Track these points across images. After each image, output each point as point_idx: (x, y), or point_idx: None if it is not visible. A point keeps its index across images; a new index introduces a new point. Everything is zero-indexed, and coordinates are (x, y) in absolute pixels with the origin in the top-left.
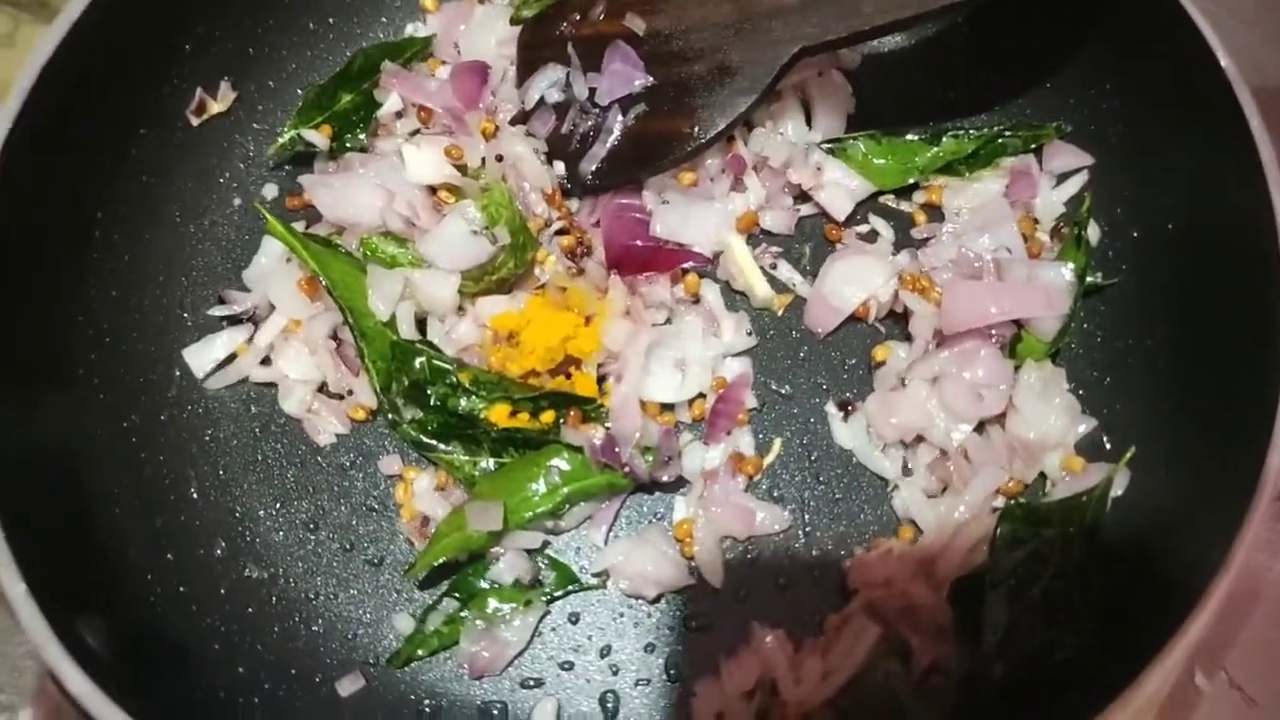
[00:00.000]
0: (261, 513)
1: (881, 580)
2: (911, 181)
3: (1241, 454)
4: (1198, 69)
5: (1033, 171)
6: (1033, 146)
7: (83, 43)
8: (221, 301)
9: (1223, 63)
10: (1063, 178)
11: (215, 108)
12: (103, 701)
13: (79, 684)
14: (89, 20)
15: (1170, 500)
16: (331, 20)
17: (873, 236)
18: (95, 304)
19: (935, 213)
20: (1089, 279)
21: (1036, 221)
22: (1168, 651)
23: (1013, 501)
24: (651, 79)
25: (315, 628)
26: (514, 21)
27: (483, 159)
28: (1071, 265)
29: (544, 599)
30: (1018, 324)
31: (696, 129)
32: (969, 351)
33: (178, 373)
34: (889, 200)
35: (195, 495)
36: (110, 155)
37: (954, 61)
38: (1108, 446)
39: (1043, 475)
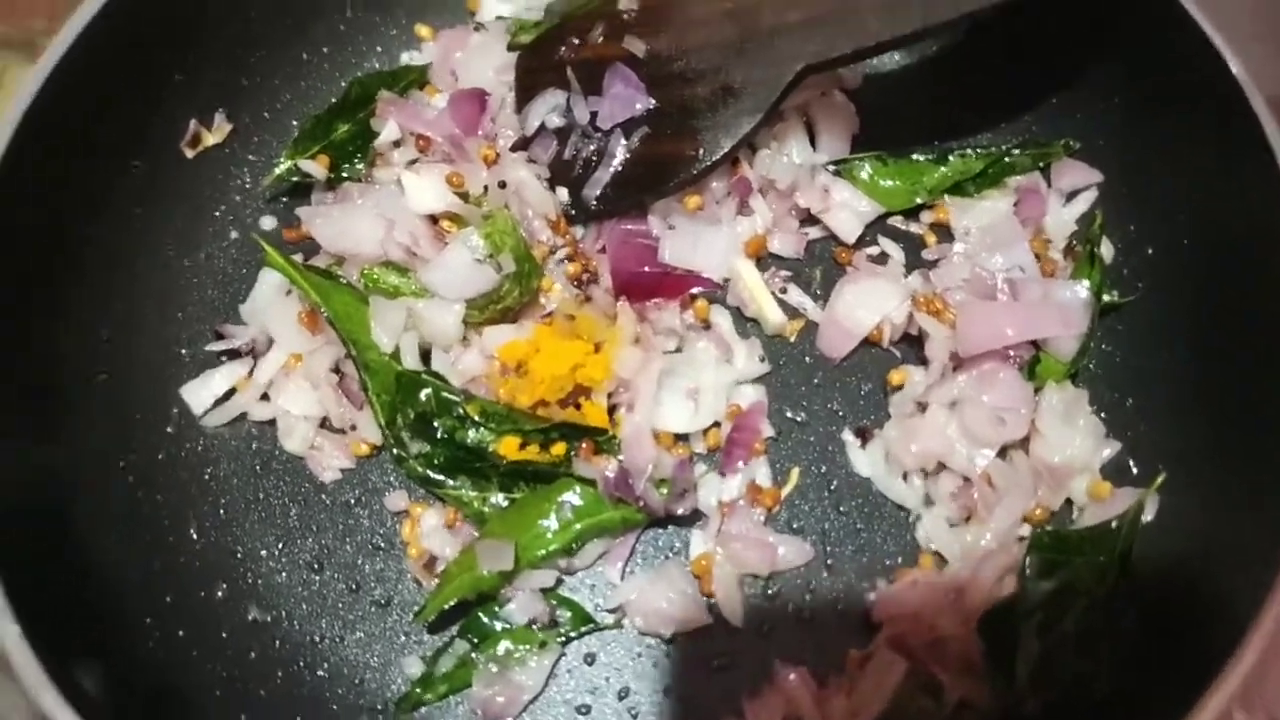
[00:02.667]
0: (264, 553)
1: (908, 613)
2: (919, 202)
3: (1275, 472)
4: (1209, 79)
5: (1041, 190)
6: (1041, 164)
7: (70, 76)
8: (219, 336)
9: (1235, 71)
10: (1072, 195)
11: (210, 139)
12: None
13: None
14: (76, 53)
15: (1203, 524)
16: (325, 50)
17: (883, 258)
18: (88, 342)
19: (945, 233)
20: (1105, 297)
21: (1048, 240)
22: (1215, 686)
23: (1040, 529)
24: (654, 101)
25: (321, 672)
26: (511, 47)
27: (485, 186)
28: (1087, 283)
29: (559, 640)
30: (1035, 345)
31: (701, 151)
32: (988, 374)
33: (175, 410)
34: (897, 221)
35: (195, 536)
36: (101, 189)
37: (958, 79)
38: (1134, 470)
39: (1069, 502)
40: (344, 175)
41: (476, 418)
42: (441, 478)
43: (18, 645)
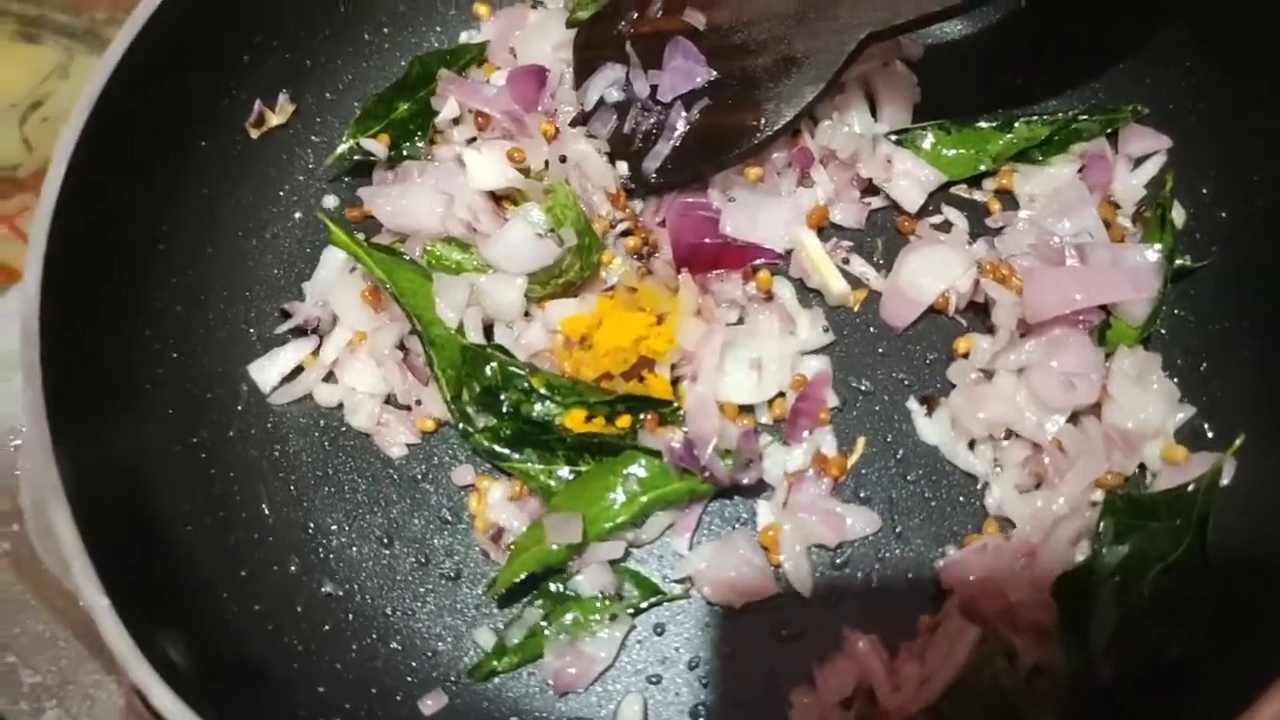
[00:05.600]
0: (334, 528)
1: (979, 578)
2: (983, 170)
3: None
4: None
5: (1107, 156)
6: (1108, 130)
7: (138, 63)
8: (285, 315)
9: None
10: (1140, 161)
11: (274, 120)
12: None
13: (165, 700)
14: (143, 40)
15: None
16: (386, 30)
17: (946, 226)
18: (160, 321)
19: (1009, 200)
20: (1178, 261)
21: (1117, 206)
22: None
23: (1114, 494)
24: (714, 73)
25: (394, 644)
26: (570, 24)
27: (545, 161)
28: (1158, 245)
29: (629, 612)
30: (1105, 310)
31: (763, 121)
32: (1057, 340)
33: (244, 388)
34: (960, 190)
35: (267, 511)
36: (172, 170)
37: (1020, 46)
38: (1209, 434)
39: (1142, 468)
40: (405, 154)
41: (542, 391)
42: (507, 451)
43: (108, 618)
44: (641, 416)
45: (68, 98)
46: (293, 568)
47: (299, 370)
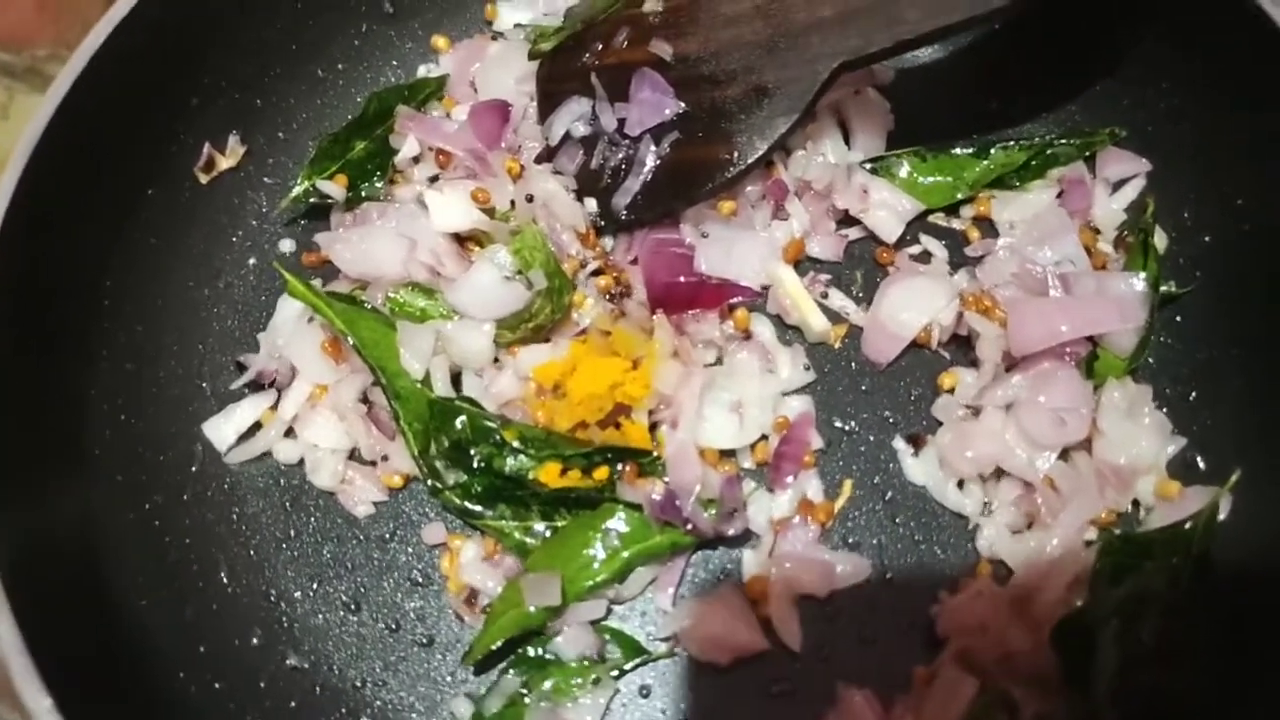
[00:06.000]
0: (298, 595)
1: (974, 626)
2: (960, 197)
3: None
4: (1263, 56)
5: (1086, 180)
6: (1086, 154)
7: (81, 105)
8: (240, 368)
9: None
10: (1119, 184)
11: (224, 163)
12: None
13: None
14: (86, 81)
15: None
16: (340, 66)
17: (926, 257)
18: (108, 378)
19: (988, 227)
20: (1162, 288)
21: (1097, 231)
22: None
23: (1109, 533)
24: (683, 105)
25: (365, 718)
26: (532, 56)
27: (511, 201)
28: (1143, 274)
29: (612, 674)
30: (1092, 341)
31: (735, 154)
32: (1045, 374)
33: (199, 448)
34: (938, 218)
35: (226, 580)
36: (117, 219)
37: (993, 69)
38: (1202, 467)
39: (1135, 503)
40: (363, 195)
41: (515, 444)
42: (480, 508)
43: (49, 716)
44: (619, 467)
45: (7, 139)
46: (255, 640)
47: (257, 427)
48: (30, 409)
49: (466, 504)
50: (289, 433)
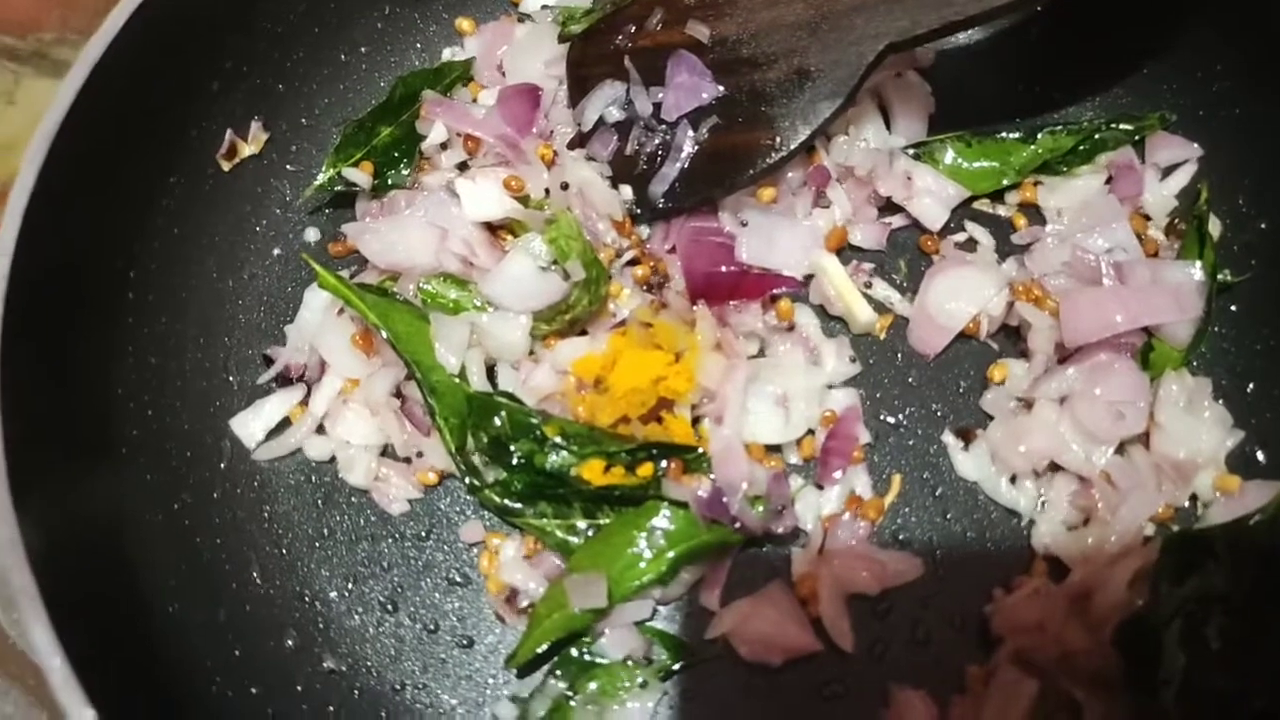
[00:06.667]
0: (333, 595)
1: (1031, 625)
2: (1006, 184)
3: None
4: None
5: (1135, 165)
6: (1136, 139)
7: (99, 92)
8: (268, 362)
9: None
10: (1170, 170)
11: (246, 150)
12: None
13: None
14: (104, 67)
15: None
16: (364, 50)
17: (971, 245)
18: (134, 373)
19: (1034, 213)
20: (1219, 277)
21: (1148, 218)
22: None
23: (1170, 529)
24: (722, 89)
25: None
26: (562, 39)
27: (545, 189)
28: (1199, 263)
29: (659, 676)
30: (1147, 332)
31: (778, 139)
32: (1101, 365)
33: (227, 444)
34: (983, 205)
35: (259, 580)
36: (139, 209)
37: (1037, 50)
38: (1261, 460)
39: (1193, 498)
40: (390, 182)
41: (557, 439)
42: (520, 506)
43: None
44: (664, 464)
45: (15, 122)
46: (290, 642)
47: (286, 423)
48: (57, 408)
49: (506, 502)
50: (320, 429)
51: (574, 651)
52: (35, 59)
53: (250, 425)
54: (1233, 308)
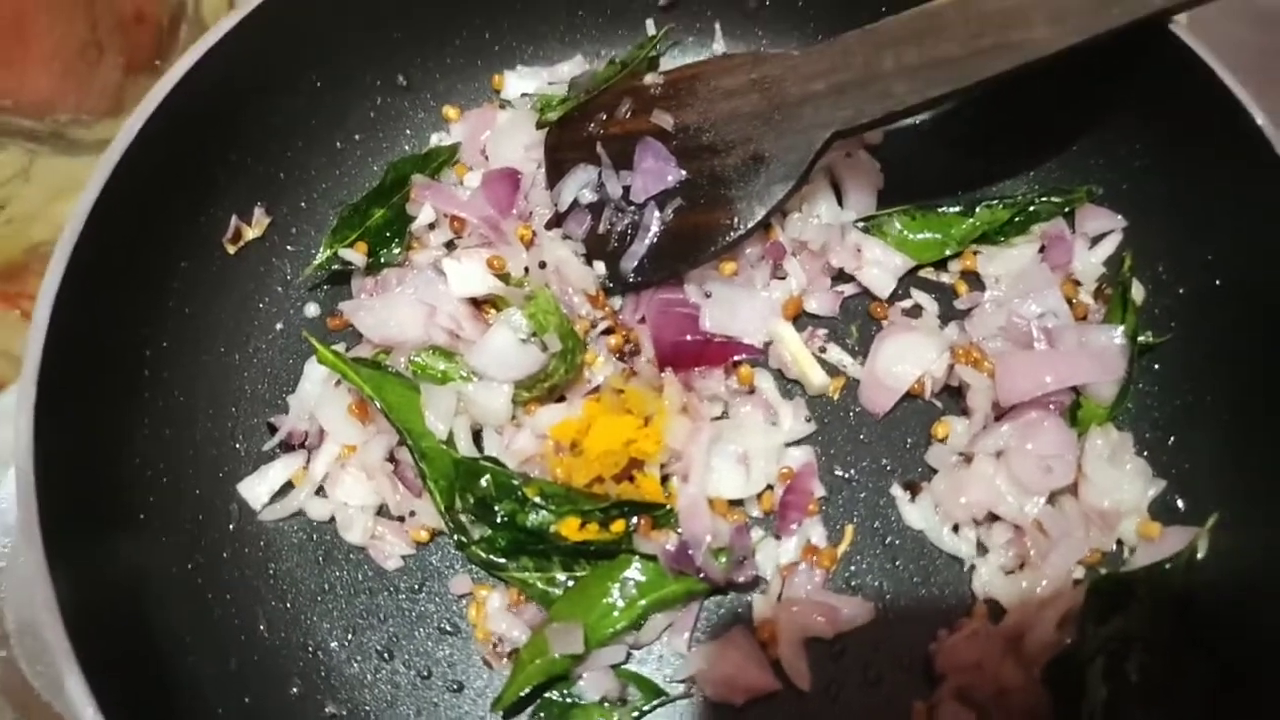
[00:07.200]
0: (334, 645)
1: (970, 664)
2: (948, 253)
3: None
4: (1225, 118)
5: (1066, 235)
6: (1065, 211)
7: (122, 183)
8: (271, 429)
9: (1249, 108)
10: (1097, 239)
11: (250, 233)
12: None
13: None
14: (127, 161)
15: (1264, 564)
16: (358, 137)
17: (917, 311)
18: (150, 444)
19: (975, 280)
20: (1140, 339)
21: (1078, 283)
22: None
23: (1099, 572)
24: (685, 173)
25: None
26: (540, 125)
27: (525, 267)
28: (1122, 328)
29: (633, 716)
30: (1075, 390)
31: (735, 220)
32: (1032, 422)
33: (234, 507)
34: (928, 273)
35: (266, 632)
36: (153, 290)
37: (977, 130)
38: (1181, 508)
39: (1119, 542)
40: (382, 260)
41: (536, 499)
42: (504, 561)
43: None
44: (635, 521)
45: (31, 199)
46: (294, 689)
47: (289, 486)
48: (83, 478)
49: (491, 557)
50: (320, 491)
51: (555, 694)
52: (52, 139)
53: (256, 489)
54: (1155, 366)
